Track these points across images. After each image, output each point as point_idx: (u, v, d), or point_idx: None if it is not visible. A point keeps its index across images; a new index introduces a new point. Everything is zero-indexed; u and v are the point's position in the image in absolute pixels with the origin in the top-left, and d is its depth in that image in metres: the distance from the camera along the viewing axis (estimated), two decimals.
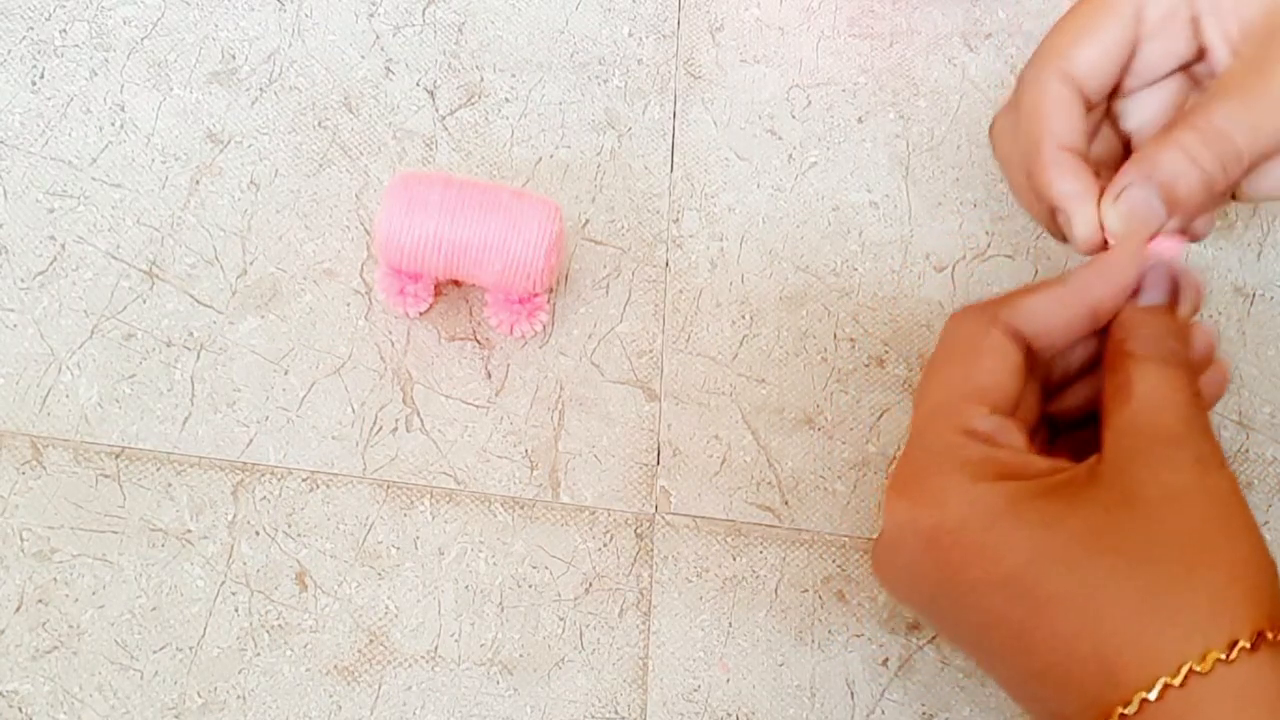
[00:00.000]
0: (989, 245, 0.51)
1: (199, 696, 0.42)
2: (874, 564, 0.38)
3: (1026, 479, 0.35)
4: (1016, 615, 0.34)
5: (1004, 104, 0.42)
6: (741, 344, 0.49)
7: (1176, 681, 0.32)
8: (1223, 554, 0.33)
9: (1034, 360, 0.39)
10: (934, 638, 0.45)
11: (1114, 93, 0.41)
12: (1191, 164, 0.37)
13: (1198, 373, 0.38)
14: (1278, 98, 0.37)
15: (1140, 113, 0.42)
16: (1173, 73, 0.41)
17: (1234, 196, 0.41)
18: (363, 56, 0.53)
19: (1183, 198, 0.37)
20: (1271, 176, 0.40)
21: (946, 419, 0.37)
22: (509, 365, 0.48)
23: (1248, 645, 0.32)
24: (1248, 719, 0.32)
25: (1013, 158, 0.41)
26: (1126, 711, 0.32)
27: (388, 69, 0.53)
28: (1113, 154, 0.42)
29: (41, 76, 0.51)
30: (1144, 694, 0.32)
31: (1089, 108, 0.40)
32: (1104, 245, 0.39)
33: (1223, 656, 0.31)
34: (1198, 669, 0.31)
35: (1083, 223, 0.39)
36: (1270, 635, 0.32)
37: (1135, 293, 0.39)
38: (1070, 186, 0.39)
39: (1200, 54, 0.40)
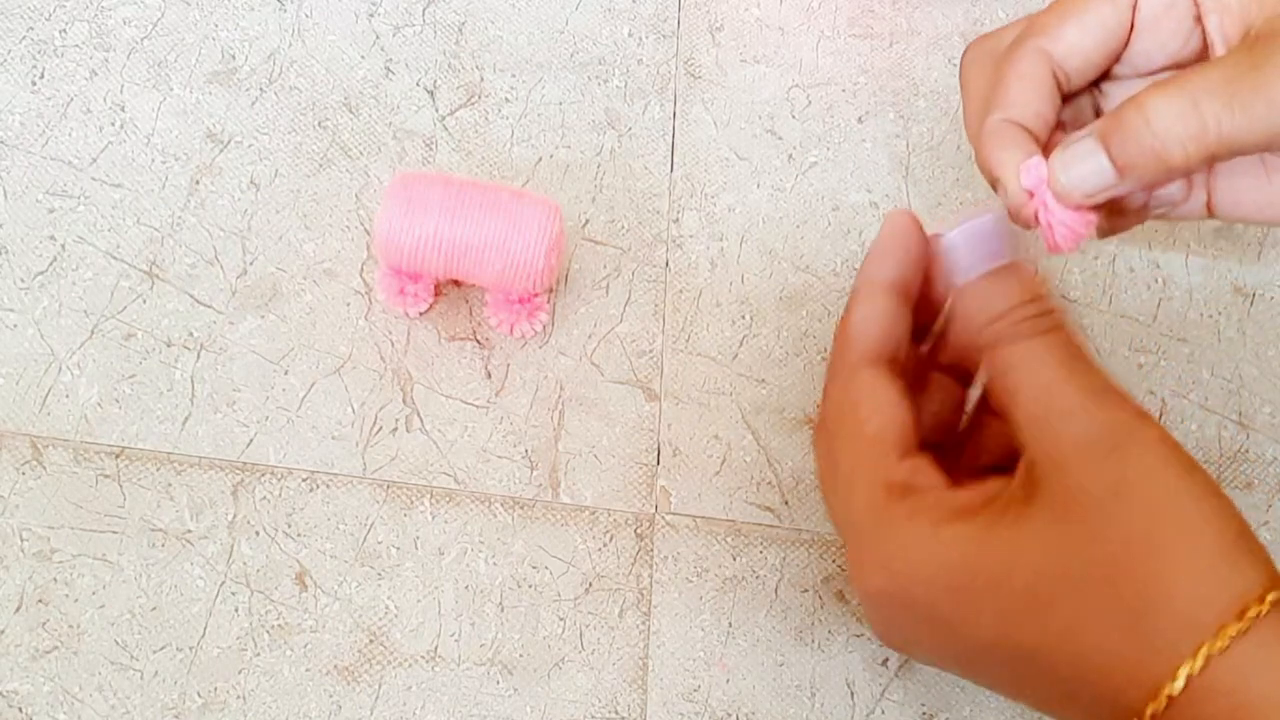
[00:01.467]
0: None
1: (199, 696, 0.42)
2: (881, 639, 0.39)
3: (967, 514, 0.35)
4: (1012, 670, 0.34)
5: (982, 38, 0.41)
6: (741, 344, 0.49)
7: (1197, 669, 0.31)
8: (1194, 528, 0.32)
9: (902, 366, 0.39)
10: None
11: (1103, 76, 0.40)
12: (1149, 128, 0.35)
13: (1040, 295, 0.37)
14: (1260, 89, 0.35)
15: (1124, 97, 0.41)
16: (1166, 67, 0.40)
17: (1210, 213, 0.41)
18: (363, 56, 0.53)
19: (1134, 160, 0.36)
20: (1250, 196, 0.39)
21: (868, 488, 0.37)
22: (509, 365, 0.48)
23: (1263, 609, 0.31)
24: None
25: (980, 103, 0.40)
26: (1158, 709, 0.32)
27: (388, 69, 0.53)
28: None
29: (41, 76, 0.51)
30: (1169, 690, 0.31)
31: (1067, 90, 0.39)
32: (1033, 213, 0.37)
33: (1234, 633, 0.31)
34: (1215, 650, 0.31)
35: (1011, 189, 0.38)
36: (1260, 610, 0.31)
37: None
38: (1005, 154, 0.38)
39: (1197, 54, 0.39)
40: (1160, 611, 0.32)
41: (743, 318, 0.49)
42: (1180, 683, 0.31)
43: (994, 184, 0.39)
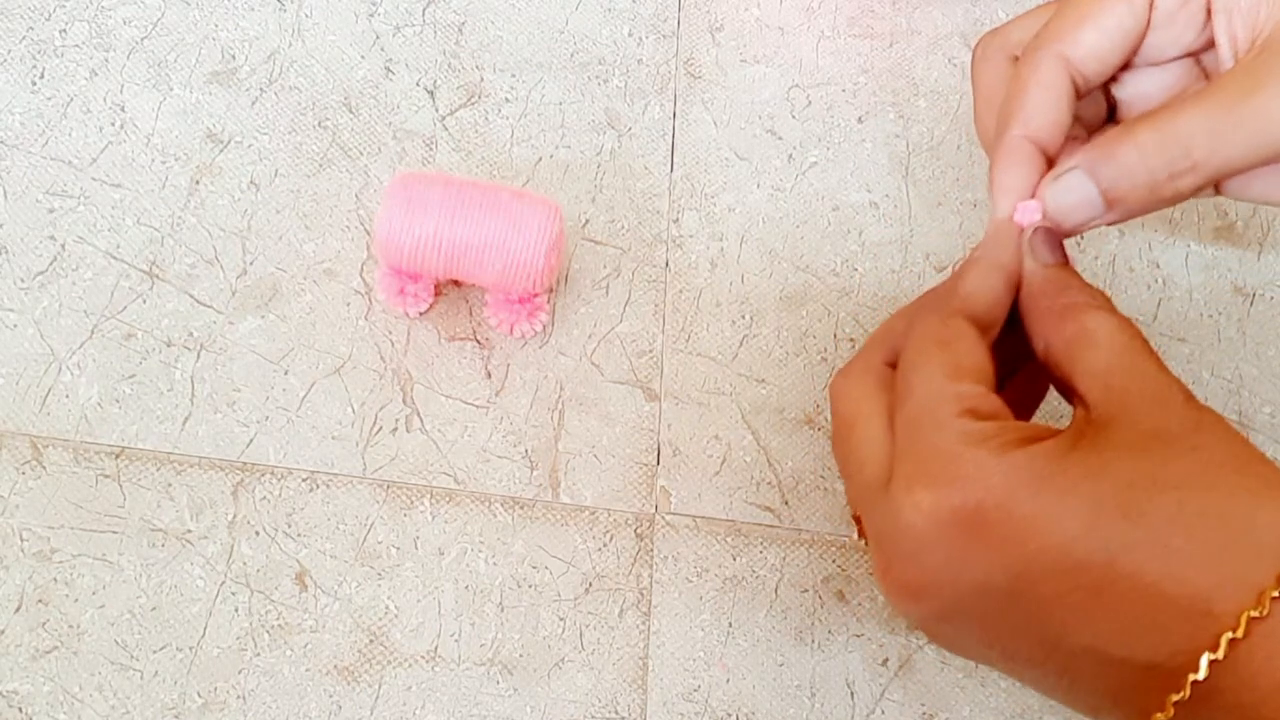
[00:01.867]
0: None
1: (199, 696, 0.42)
2: (890, 581, 0.35)
3: (1042, 441, 0.33)
4: (1090, 577, 0.32)
5: (994, 32, 0.40)
6: (741, 344, 0.49)
7: (1261, 613, 0.30)
8: (1269, 472, 0.32)
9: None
10: None
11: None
12: (1141, 163, 0.36)
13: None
14: (1256, 117, 0.35)
15: (1136, 85, 0.41)
16: (1180, 57, 0.40)
17: (1218, 191, 0.40)
18: (363, 56, 0.53)
19: (1124, 195, 0.36)
20: (1260, 182, 0.39)
21: (946, 405, 0.34)
22: (509, 365, 0.48)
23: None
24: None
25: (991, 100, 0.40)
26: (1216, 657, 0.30)
27: (388, 69, 0.53)
28: (1097, 117, 0.41)
29: (41, 76, 0.51)
30: (1230, 634, 0.30)
31: (1084, 92, 0.39)
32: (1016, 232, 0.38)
33: None
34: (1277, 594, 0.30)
35: (1000, 214, 0.38)
36: None
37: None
38: (1010, 181, 0.38)
39: (1209, 44, 0.39)
40: (1250, 532, 0.31)
41: (743, 318, 0.49)
42: (1241, 629, 0.30)
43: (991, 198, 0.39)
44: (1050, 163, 0.38)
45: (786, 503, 0.47)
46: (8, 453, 0.45)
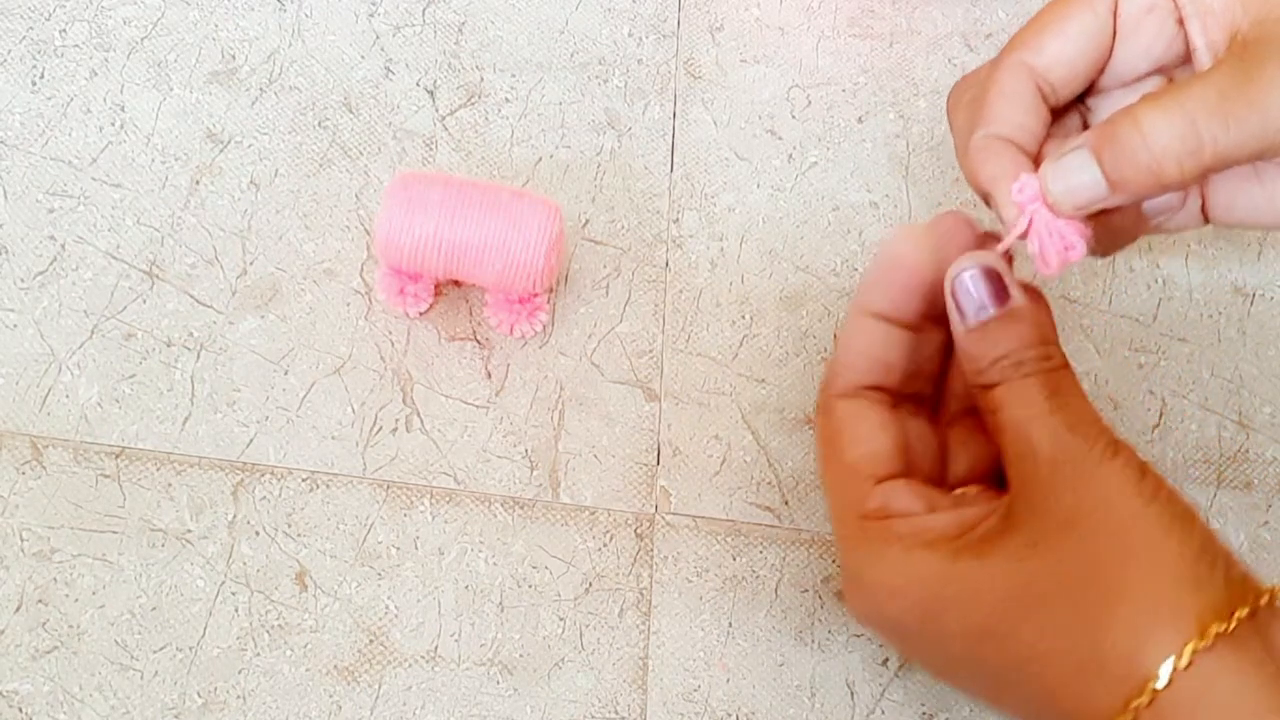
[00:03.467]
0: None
1: (199, 696, 0.42)
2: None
3: (939, 542, 0.36)
4: (992, 665, 0.35)
5: (965, 77, 0.40)
6: (741, 344, 0.49)
7: (1144, 702, 0.32)
8: (1148, 555, 0.33)
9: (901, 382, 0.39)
10: None
11: (1089, 90, 0.40)
12: (1144, 144, 0.35)
13: (1054, 342, 0.37)
14: (1261, 100, 0.35)
15: (1111, 109, 0.40)
16: (1151, 74, 0.40)
17: (1206, 220, 0.40)
18: (363, 56, 0.53)
19: (1128, 176, 0.36)
20: (1243, 200, 0.39)
21: (846, 514, 0.38)
22: (509, 365, 0.48)
23: (1227, 626, 0.31)
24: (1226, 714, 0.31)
25: (962, 132, 0.40)
26: None
27: (388, 69, 0.53)
28: None
29: (41, 76, 0.51)
30: (1136, 704, 0.32)
31: (1054, 104, 0.39)
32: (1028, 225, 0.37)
33: (1192, 651, 0.31)
34: (1157, 686, 0.31)
35: (1004, 202, 0.37)
36: (1227, 625, 0.31)
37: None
38: (994, 169, 0.37)
39: (1181, 58, 0.39)
40: (1108, 644, 0.32)
41: (743, 318, 0.49)
42: (1145, 698, 0.32)
43: (986, 199, 0.38)
44: (1036, 161, 0.38)
45: (786, 503, 0.47)
46: (8, 453, 0.45)
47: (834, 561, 0.46)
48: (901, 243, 0.39)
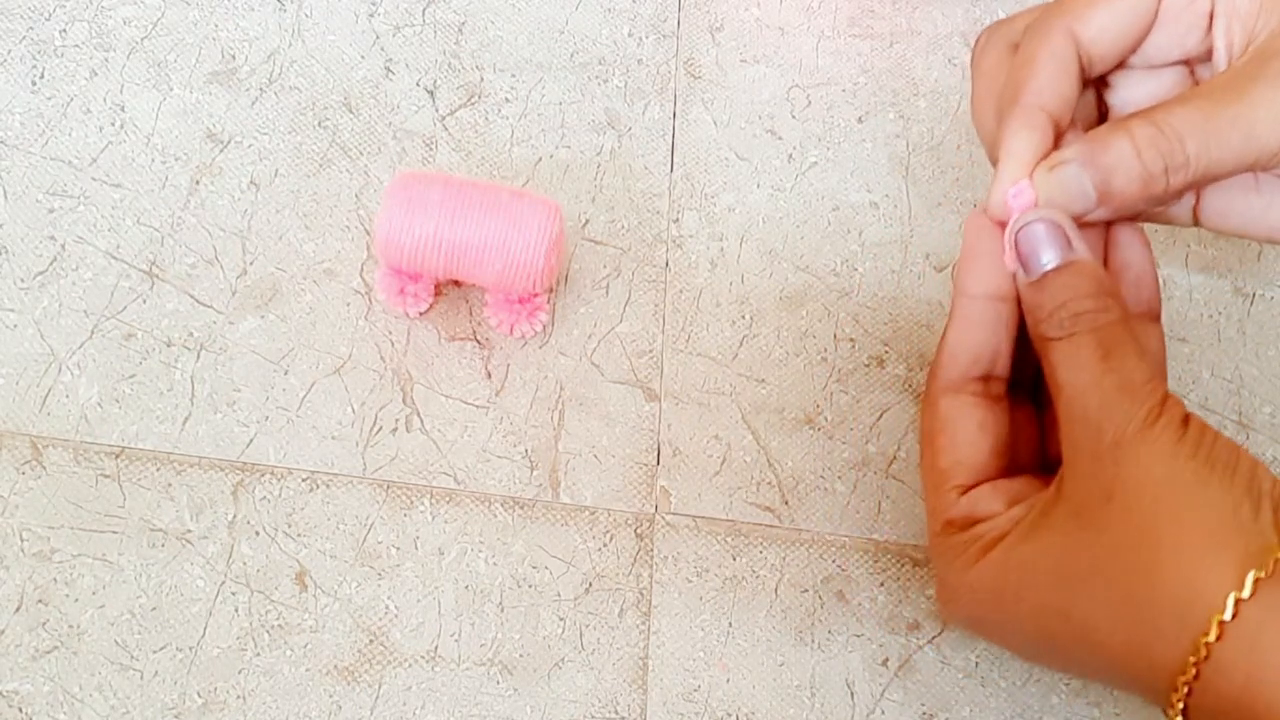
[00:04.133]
0: None
1: (199, 696, 0.42)
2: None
3: (999, 541, 0.37)
4: (1060, 640, 0.36)
5: (999, 23, 0.40)
6: (741, 344, 0.49)
7: (1213, 637, 0.32)
8: (1184, 517, 0.33)
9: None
10: (934, 638, 0.45)
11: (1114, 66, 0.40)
12: (1136, 157, 0.36)
13: (1113, 295, 0.37)
14: (1244, 118, 0.35)
15: (1130, 90, 0.41)
16: (1176, 63, 0.40)
17: (1197, 222, 0.41)
18: (363, 56, 0.53)
19: (1117, 189, 0.36)
20: (1239, 208, 0.40)
21: (934, 518, 0.39)
22: (509, 365, 0.48)
23: (1264, 571, 0.32)
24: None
25: (992, 85, 0.40)
26: (1189, 679, 0.33)
27: (388, 69, 0.53)
28: (1087, 121, 0.41)
29: (41, 76, 0.51)
30: (1182, 677, 0.33)
31: (1085, 77, 0.39)
32: (1003, 221, 0.38)
33: (1235, 601, 0.32)
34: (1225, 618, 0.32)
35: (998, 190, 0.38)
36: (1268, 569, 0.32)
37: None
38: (1020, 149, 0.37)
39: (1208, 54, 0.39)
40: (1157, 603, 0.33)
41: (743, 318, 0.49)
42: (1213, 634, 0.32)
43: (994, 163, 0.39)
44: (1058, 140, 0.38)
45: (786, 503, 0.47)
46: (8, 453, 0.45)
47: (834, 561, 0.46)
48: (981, 216, 0.39)
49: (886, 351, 0.49)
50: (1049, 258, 0.37)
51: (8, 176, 0.49)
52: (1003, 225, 0.38)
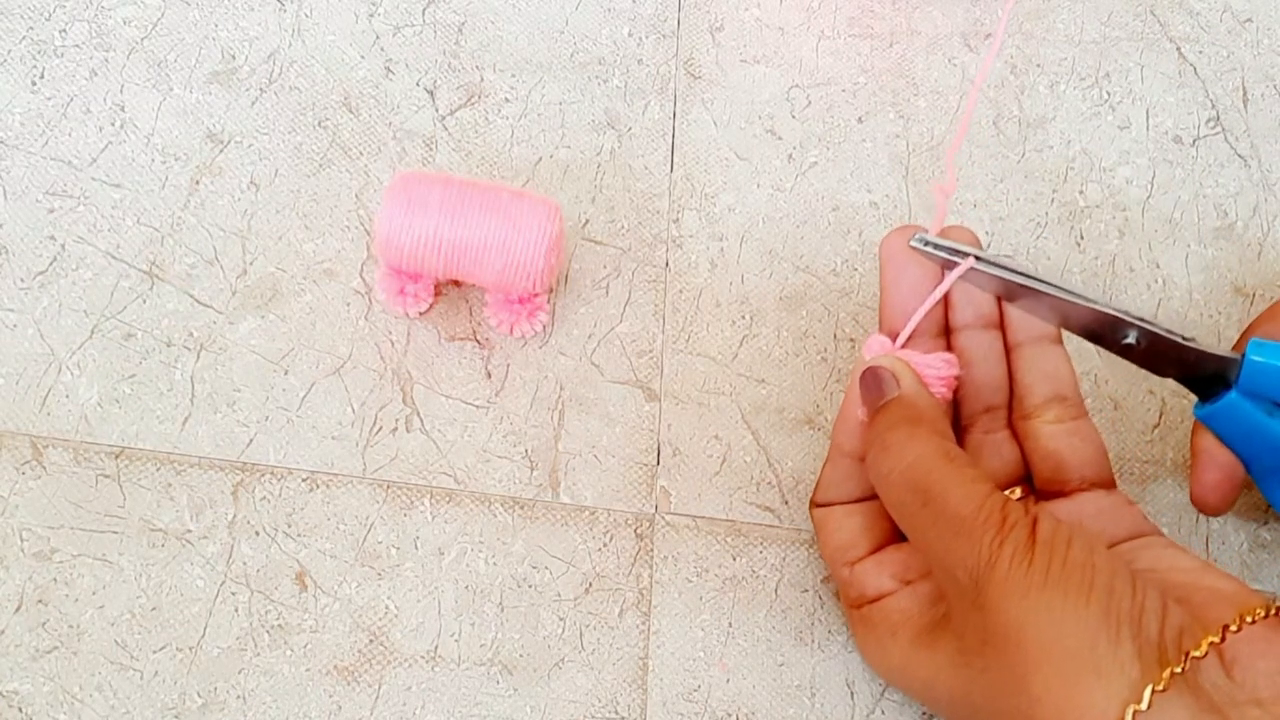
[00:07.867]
0: (989, 245, 0.51)
1: (199, 696, 0.42)
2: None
3: (897, 626, 0.40)
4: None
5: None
6: (741, 344, 0.49)
7: None
8: (1051, 655, 0.33)
9: None
10: None
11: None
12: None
13: (929, 423, 0.39)
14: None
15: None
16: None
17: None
18: (363, 56, 0.53)
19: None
20: None
21: (843, 602, 0.44)
22: (509, 365, 0.48)
23: (1139, 707, 0.32)
24: None
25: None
26: None
27: (388, 69, 0.53)
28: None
29: (41, 76, 0.51)
30: None
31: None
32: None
33: None
34: None
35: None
36: (1137, 706, 0.32)
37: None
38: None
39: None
40: None
41: (743, 318, 0.49)
42: None
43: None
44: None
45: (786, 503, 0.47)
46: (8, 453, 0.45)
47: None
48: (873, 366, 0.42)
49: None
50: (877, 397, 0.40)
51: (8, 176, 0.49)
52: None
